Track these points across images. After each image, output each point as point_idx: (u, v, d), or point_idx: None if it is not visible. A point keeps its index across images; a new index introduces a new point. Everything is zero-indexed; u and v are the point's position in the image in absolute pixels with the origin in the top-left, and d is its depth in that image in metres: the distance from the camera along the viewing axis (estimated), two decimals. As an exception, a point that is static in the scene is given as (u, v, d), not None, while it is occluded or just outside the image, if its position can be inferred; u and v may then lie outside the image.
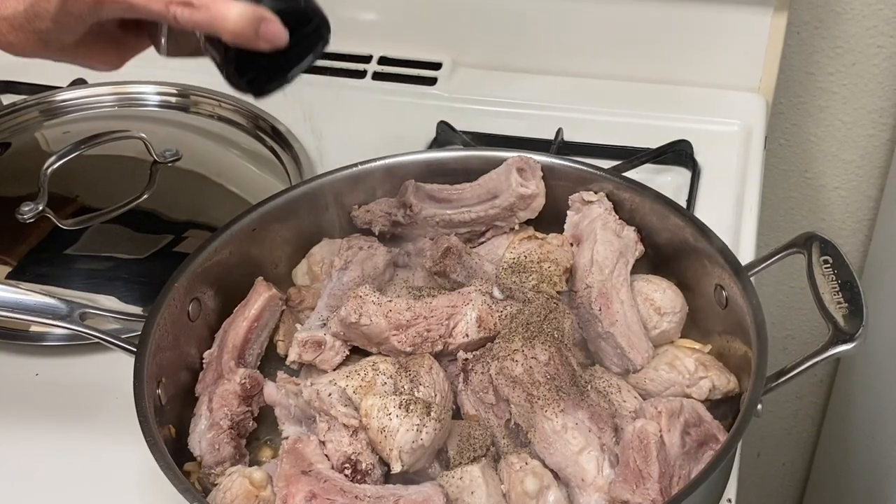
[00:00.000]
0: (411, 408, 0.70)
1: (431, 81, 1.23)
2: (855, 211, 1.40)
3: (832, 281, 0.74)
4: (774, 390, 0.71)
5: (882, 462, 1.34)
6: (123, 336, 0.79)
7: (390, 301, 0.78)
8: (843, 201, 1.39)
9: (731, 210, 1.05)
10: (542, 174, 0.88)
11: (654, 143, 1.08)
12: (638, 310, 0.81)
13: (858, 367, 1.47)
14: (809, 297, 0.75)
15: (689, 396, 0.76)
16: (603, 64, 1.22)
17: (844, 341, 0.70)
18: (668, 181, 1.08)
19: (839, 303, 0.72)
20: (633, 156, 1.06)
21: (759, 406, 0.70)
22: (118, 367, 0.87)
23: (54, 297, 0.79)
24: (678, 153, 1.09)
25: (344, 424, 0.70)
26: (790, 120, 1.34)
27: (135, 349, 0.76)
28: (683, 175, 1.08)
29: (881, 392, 1.36)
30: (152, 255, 1.00)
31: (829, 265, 0.74)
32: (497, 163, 0.90)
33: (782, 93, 1.31)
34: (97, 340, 0.79)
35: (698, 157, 1.09)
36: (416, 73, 1.24)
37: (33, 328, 0.93)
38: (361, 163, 0.91)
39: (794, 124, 1.35)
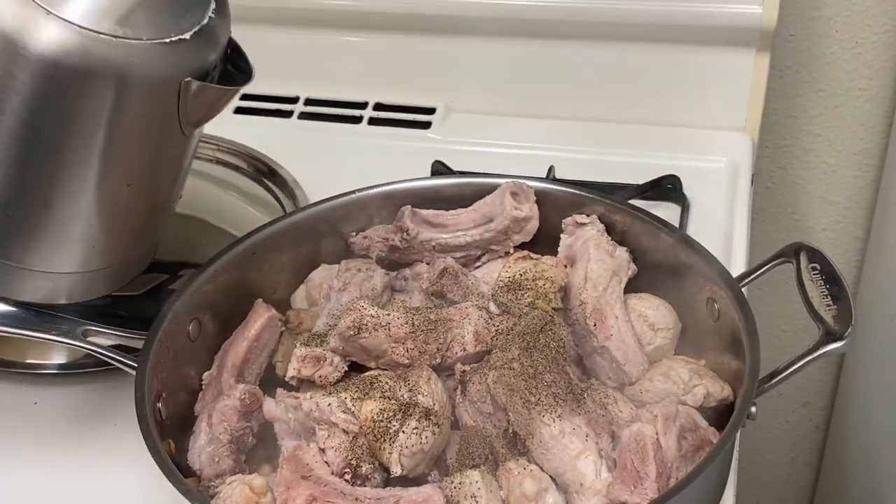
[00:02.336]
0: (411, 412, 0.70)
1: (426, 125, 1.26)
2: (843, 252, 1.42)
3: (821, 285, 0.75)
4: (767, 392, 0.71)
5: (880, 506, 1.34)
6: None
7: (388, 315, 0.79)
8: (832, 243, 1.41)
9: (720, 244, 1.06)
10: (535, 198, 0.90)
11: (643, 181, 1.10)
12: (632, 325, 0.83)
13: (854, 412, 1.47)
14: (802, 338, 0.76)
15: (684, 404, 0.76)
16: (592, 107, 1.25)
17: (834, 340, 0.71)
18: (658, 215, 1.09)
19: (828, 305, 0.73)
20: (624, 191, 1.08)
21: (754, 409, 0.71)
22: (117, 394, 0.88)
23: (56, 313, 0.79)
24: (668, 188, 1.11)
25: (344, 430, 0.71)
26: (777, 163, 1.37)
27: (135, 365, 0.76)
28: (673, 210, 1.10)
29: (877, 439, 1.36)
30: (148, 293, 1.01)
31: (817, 271, 0.76)
32: (491, 189, 0.92)
33: (768, 136, 1.34)
34: (98, 357, 0.79)
35: (687, 192, 1.11)
36: (411, 117, 1.27)
37: (31, 358, 0.94)
38: (359, 190, 0.93)
39: (780, 167, 1.37)
